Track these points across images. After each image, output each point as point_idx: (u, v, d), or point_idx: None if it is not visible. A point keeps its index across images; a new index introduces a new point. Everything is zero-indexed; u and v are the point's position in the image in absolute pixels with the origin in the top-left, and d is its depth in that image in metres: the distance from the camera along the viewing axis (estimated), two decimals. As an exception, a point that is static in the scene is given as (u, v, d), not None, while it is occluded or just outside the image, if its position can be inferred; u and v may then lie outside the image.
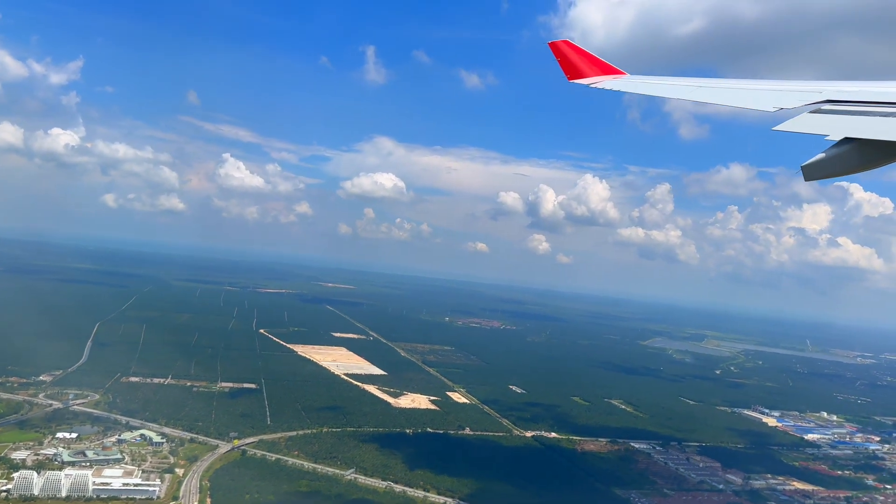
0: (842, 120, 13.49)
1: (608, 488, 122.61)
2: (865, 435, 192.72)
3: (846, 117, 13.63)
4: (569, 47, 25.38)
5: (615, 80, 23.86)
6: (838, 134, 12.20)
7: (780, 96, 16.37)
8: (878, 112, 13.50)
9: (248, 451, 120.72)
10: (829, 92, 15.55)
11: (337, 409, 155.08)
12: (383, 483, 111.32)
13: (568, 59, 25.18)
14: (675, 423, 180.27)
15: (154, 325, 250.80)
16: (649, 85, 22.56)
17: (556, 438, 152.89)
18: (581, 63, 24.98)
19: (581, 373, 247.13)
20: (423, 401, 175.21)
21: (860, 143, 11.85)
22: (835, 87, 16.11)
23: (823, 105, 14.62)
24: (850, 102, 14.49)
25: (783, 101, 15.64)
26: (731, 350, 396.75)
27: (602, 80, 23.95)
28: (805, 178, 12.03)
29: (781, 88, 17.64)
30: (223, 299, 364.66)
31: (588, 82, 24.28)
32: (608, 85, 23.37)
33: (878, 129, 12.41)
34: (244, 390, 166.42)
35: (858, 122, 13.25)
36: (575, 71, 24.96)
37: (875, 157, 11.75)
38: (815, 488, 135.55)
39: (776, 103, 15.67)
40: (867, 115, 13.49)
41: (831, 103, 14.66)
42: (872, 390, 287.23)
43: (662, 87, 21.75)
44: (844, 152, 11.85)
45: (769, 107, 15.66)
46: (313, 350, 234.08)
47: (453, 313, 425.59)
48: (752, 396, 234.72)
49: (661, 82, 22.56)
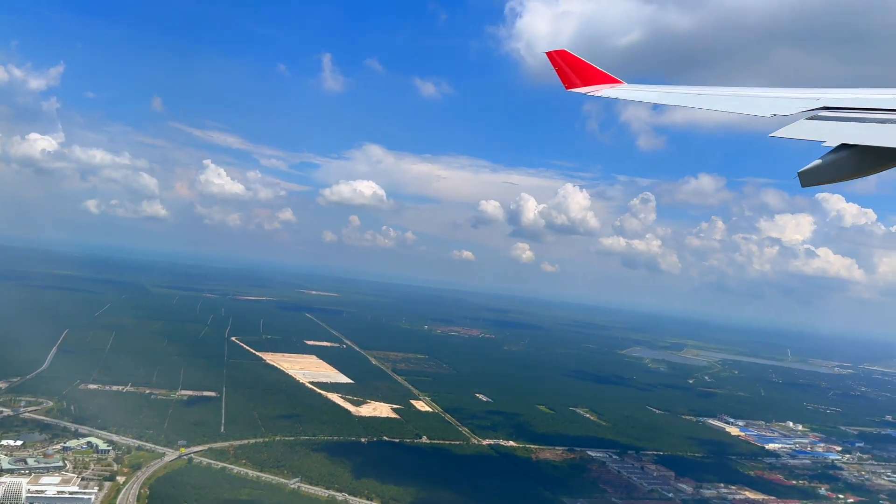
0: (838, 126, 13.63)
1: (556, 497, 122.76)
2: (828, 445, 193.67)
3: (843, 123, 13.76)
4: (566, 56, 25.57)
5: (612, 88, 24.01)
6: (835, 140, 12.30)
7: (777, 103, 16.52)
8: (874, 118, 13.61)
9: (195, 460, 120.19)
10: (825, 98, 15.65)
11: (294, 418, 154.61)
12: (326, 492, 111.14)
13: (565, 68, 25.41)
14: (636, 431, 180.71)
15: (124, 333, 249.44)
16: (646, 93, 22.70)
17: (512, 447, 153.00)
18: (578, 72, 25.18)
19: (551, 382, 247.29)
20: (385, 409, 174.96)
21: (857, 149, 11.97)
22: (831, 94, 16.23)
23: (820, 111, 14.74)
24: (846, 109, 14.59)
25: (780, 108, 15.79)
26: (708, 359, 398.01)
27: (599, 89, 24.17)
28: (802, 184, 12.09)
29: (778, 95, 17.83)
30: (200, 307, 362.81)
31: (585, 91, 24.53)
32: (605, 93, 23.54)
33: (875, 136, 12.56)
34: (203, 398, 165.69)
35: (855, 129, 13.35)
36: (572, 80, 25.23)
37: (871, 163, 11.88)
38: (766, 497, 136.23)
39: (773, 110, 15.81)
40: (864, 122, 13.60)
41: (828, 110, 14.77)
42: (844, 400, 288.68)
43: (659, 95, 22.03)
44: (841, 158, 11.94)
45: (766, 113, 15.78)
46: (282, 358, 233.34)
47: (433, 321, 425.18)
48: (721, 406, 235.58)
49: (658, 90, 22.82)
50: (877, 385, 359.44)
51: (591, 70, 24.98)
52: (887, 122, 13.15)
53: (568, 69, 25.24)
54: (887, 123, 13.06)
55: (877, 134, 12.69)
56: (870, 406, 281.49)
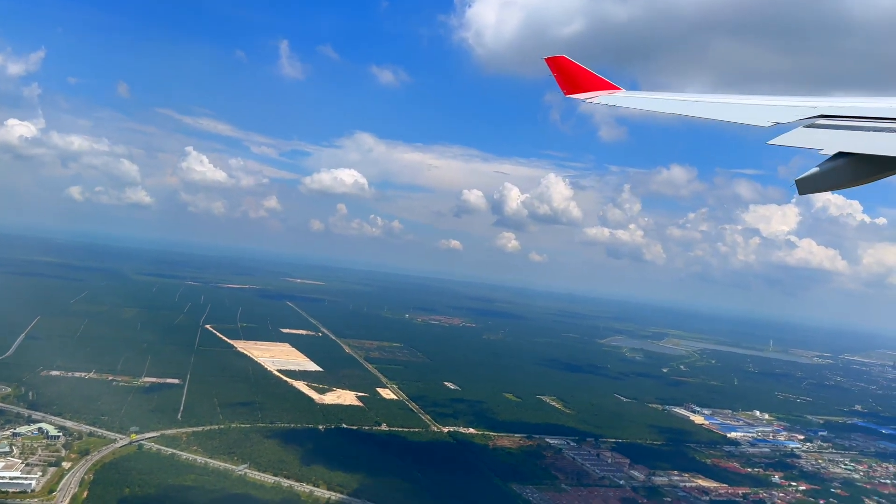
0: (836, 134, 13.77)
1: (505, 483, 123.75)
2: (790, 434, 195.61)
3: (840, 132, 13.89)
4: (565, 62, 25.72)
5: (610, 94, 24.29)
6: (832, 148, 12.43)
7: (775, 111, 16.74)
8: (871, 127, 13.74)
9: (146, 446, 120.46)
10: (823, 107, 15.88)
11: (254, 405, 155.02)
12: (274, 478, 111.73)
13: (564, 74, 25.60)
14: (599, 419, 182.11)
15: (97, 320, 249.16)
16: (644, 100, 22.98)
17: (471, 434, 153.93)
18: (577, 78, 25.39)
19: (524, 370, 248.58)
20: (350, 397, 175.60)
21: (854, 157, 12.07)
22: (829, 103, 16.53)
23: (818, 120, 14.91)
24: (844, 118, 14.77)
25: (777, 116, 15.96)
26: (688, 349, 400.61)
27: (597, 95, 24.41)
28: (799, 192, 12.20)
29: (776, 104, 18.08)
30: (180, 294, 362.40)
31: (584, 97, 24.78)
32: (603, 100, 23.79)
33: (872, 144, 12.69)
34: (165, 385, 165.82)
35: (852, 137, 13.51)
36: (571, 86, 25.41)
37: (868, 172, 12.00)
38: (717, 485, 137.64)
39: (771, 118, 15.97)
40: (861, 130, 13.74)
41: (825, 118, 14.94)
42: (816, 390, 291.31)
43: (657, 103, 22.22)
44: (838, 167, 12.05)
45: (764, 122, 15.91)
46: (254, 346, 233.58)
47: (415, 310, 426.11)
48: (690, 394, 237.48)
49: (656, 97, 23.06)
50: (853, 375, 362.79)
51: (590, 76, 25.33)
52: (884, 130, 13.34)
53: (566, 75, 25.54)
54: (884, 132, 13.25)
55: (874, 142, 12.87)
56: (842, 396, 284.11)
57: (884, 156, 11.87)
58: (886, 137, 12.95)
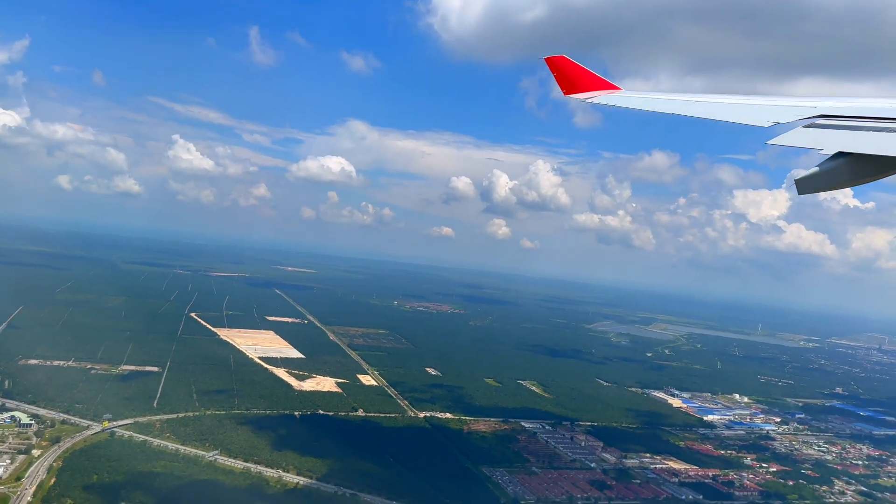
0: (835, 134, 13.83)
1: (476, 466, 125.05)
2: (768, 416, 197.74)
3: (840, 132, 13.96)
4: (564, 62, 25.75)
5: (610, 94, 24.34)
6: (832, 148, 12.50)
7: (775, 111, 16.83)
8: (871, 127, 13.82)
9: (118, 433, 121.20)
10: (823, 107, 15.97)
11: (231, 392, 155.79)
12: (244, 464, 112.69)
13: (563, 74, 25.61)
14: (577, 403, 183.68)
15: (81, 309, 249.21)
16: (644, 100, 23.06)
17: (447, 419, 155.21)
18: (576, 78, 25.43)
19: (507, 356, 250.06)
20: (329, 383, 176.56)
21: (853, 157, 12.15)
22: (829, 103, 16.63)
23: (817, 120, 15.00)
24: (843, 117, 14.87)
25: (777, 116, 16.05)
26: (675, 333, 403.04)
27: (597, 95, 24.47)
28: (798, 191, 12.24)
29: (776, 103, 18.18)
30: (167, 283, 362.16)
31: (583, 97, 24.82)
32: (603, 100, 23.85)
33: (872, 144, 12.76)
34: (144, 373, 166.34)
35: (852, 137, 13.59)
36: (570, 85, 25.43)
37: (868, 172, 12.08)
38: (687, 467, 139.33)
39: (770, 118, 16.07)
40: (861, 130, 13.82)
41: (825, 118, 15.03)
42: (799, 373, 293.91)
43: (657, 103, 22.26)
44: (838, 166, 12.13)
45: (763, 122, 16.02)
46: (238, 333, 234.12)
47: (404, 297, 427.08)
48: (672, 378, 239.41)
49: (656, 97, 23.15)
50: (838, 358, 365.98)
51: (589, 76, 25.42)
52: (884, 130, 13.43)
53: (566, 75, 25.60)
54: (884, 132, 13.34)
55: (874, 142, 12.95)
56: (824, 379, 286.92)
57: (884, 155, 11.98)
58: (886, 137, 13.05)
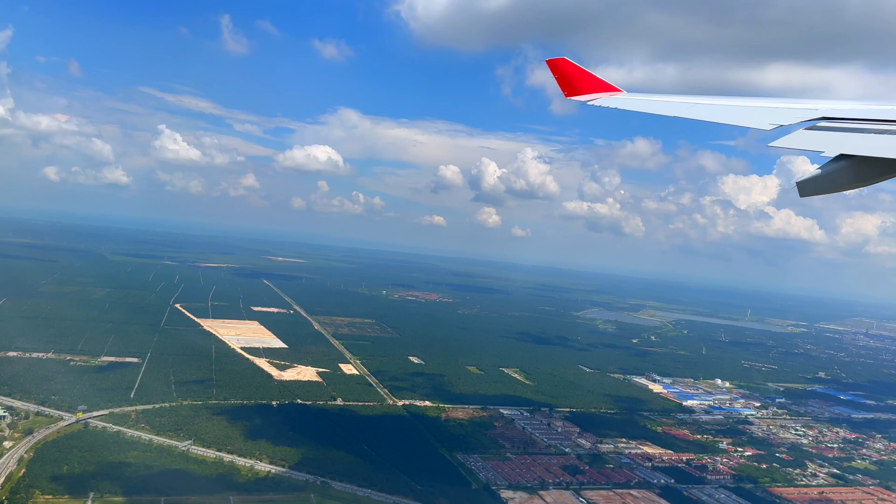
0: (837, 137, 13.86)
1: (451, 453, 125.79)
2: (748, 401, 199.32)
3: (841, 134, 13.97)
4: (565, 65, 25.66)
5: (611, 97, 24.30)
6: (833, 150, 12.51)
7: (776, 113, 16.80)
8: (872, 129, 13.80)
9: (92, 424, 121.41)
10: (824, 109, 15.99)
11: (210, 383, 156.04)
12: (216, 453, 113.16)
13: (565, 76, 25.56)
14: (557, 390, 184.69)
15: (65, 301, 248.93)
16: (645, 102, 23.04)
17: (426, 407, 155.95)
18: (577, 80, 25.39)
19: (492, 344, 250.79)
20: (310, 373, 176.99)
21: (855, 159, 12.13)
22: (830, 105, 16.64)
23: (819, 122, 15.01)
24: (845, 120, 14.86)
25: (779, 119, 16.05)
26: (663, 320, 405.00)
27: (598, 97, 24.44)
28: (800, 194, 12.26)
29: (777, 106, 18.14)
30: (155, 274, 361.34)
31: (585, 99, 24.81)
32: (604, 102, 23.78)
33: (873, 146, 12.75)
34: (124, 364, 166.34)
35: (853, 139, 13.59)
36: (571, 88, 25.39)
37: (870, 174, 12.07)
38: (662, 451, 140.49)
39: (772, 120, 16.05)
40: (862, 133, 13.82)
41: (827, 120, 15.04)
42: (784, 358, 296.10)
43: (658, 105, 22.26)
44: (840, 169, 12.12)
45: (765, 124, 15.99)
46: (222, 324, 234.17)
47: (394, 286, 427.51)
48: (655, 364, 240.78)
49: (657, 100, 23.12)
50: (824, 343, 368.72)
51: (591, 78, 25.44)
52: (885, 132, 13.42)
53: (567, 77, 25.59)
54: (885, 134, 13.32)
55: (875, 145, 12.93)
56: (808, 363, 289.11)
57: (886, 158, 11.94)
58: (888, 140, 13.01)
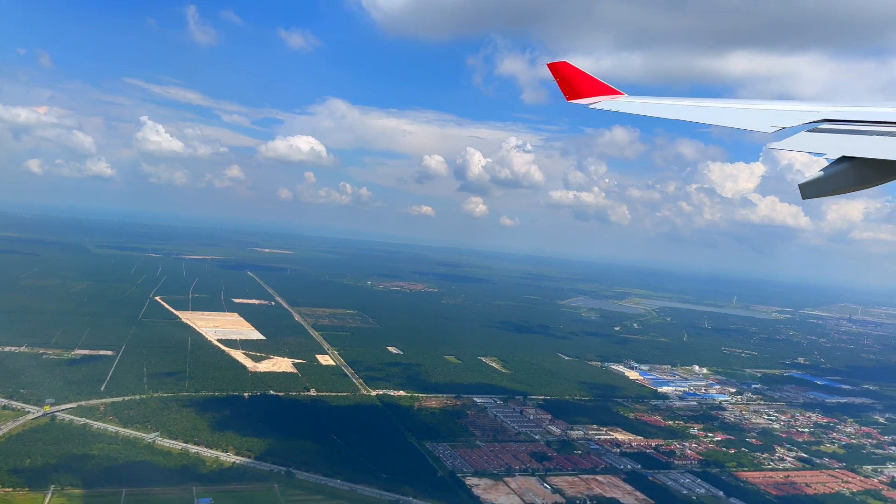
0: (839, 139, 13.78)
1: (420, 442, 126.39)
2: (723, 387, 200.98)
3: (843, 136, 13.91)
4: (567, 68, 25.55)
5: (613, 100, 24.17)
6: (835, 153, 12.46)
7: (778, 116, 16.77)
8: (874, 131, 13.75)
9: (59, 417, 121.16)
10: (826, 112, 15.91)
11: (182, 375, 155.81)
12: (183, 445, 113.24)
13: (566, 80, 25.43)
14: (534, 378, 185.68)
15: (44, 293, 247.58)
16: (647, 105, 22.98)
17: (400, 396, 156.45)
18: (579, 84, 25.28)
19: (473, 333, 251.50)
20: (286, 364, 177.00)
21: (857, 161, 12.09)
22: (832, 108, 16.54)
23: (820, 124, 14.92)
24: (846, 122, 14.79)
25: (781, 121, 16.01)
26: (647, 307, 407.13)
27: (600, 101, 24.30)
28: (802, 196, 12.17)
29: (779, 108, 18.12)
30: (138, 266, 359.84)
31: (586, 102, 24.68)
32: (606, 105, 23.66)
33: (875, 149, 12.67)
34: (97, 357, 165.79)
35: (855, 142, 13.52)
36: (573, 91, 25.26)
37: (872, 176, 12.03)
38: (632, 437, 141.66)
39: (774, 123, 16.00)
40: (864, 135, 13.75)
41: (828, 122, 14.97)
42: (765, 344, 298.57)
43: (660, 108, 22.24)
44: (842, 171, 12.07)
45: (767, 127, 15.94)
46: (201, 316, 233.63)
47: (379, 277, 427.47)
48: (635, 352, 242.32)
49: (659, 103, 23.05)
50: (807, 329, 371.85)
51: (592, 81, 25.33)
52: (887, 135, 13.38)
53: (568, 81, 25.47)
54: (887, 136, 13.28)
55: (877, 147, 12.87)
56: (788, 349, 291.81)
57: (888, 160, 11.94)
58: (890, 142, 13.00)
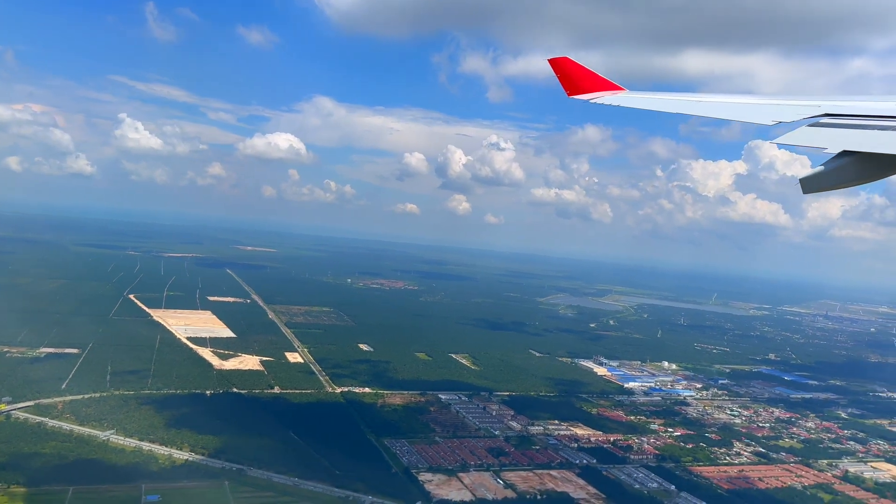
0: (840, 133, 13.81)
1: (379, 438, 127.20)
2: (690, 382, 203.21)
3: (844, 131, 13.94)
4: (567, 64, 25.63)
5: (614, 95, 24.30)
6: (837, 147, 12.51)
7: (779, 110, 16.80)
8: (876, 126, 13.82)
9: (14, 416, 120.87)
10: (827, 106, 16.01)
11: (146, 373, 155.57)
12: (137, 442, 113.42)
13: (567, 75, 25.48)
14: (502, 374, 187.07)
15: (13, 292, 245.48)
16: (648, 100, 23.06)
17: (364, 393, 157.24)
18: (580, 79, 25.33)
19: (447, 330, 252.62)
20: (253, 362, 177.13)
21: (858, 156, 12.14)
22: (833, 102, 16.66)
23: (822, 119, 15.00)
24: (848, 116, 14.88)
25: (782, 115, 16.07)
26: (626, 304, 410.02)
27: (601, 96, 24.41)
28: (803, 191, 12.22)
29: (780, 102, 18.22)
30: (115, 264, 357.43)
31: (587, 98, 24.75)
32: (607, 100, 23.76)
33: (877, 143, 12.77)
34: (62, 355, 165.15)
35: (857, 136, 13.56)
36: (574, 86, 25.32)
37: (873, 171, 12.07)
38: (591, 433, 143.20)
39: (775, 117, 16.06)
40: (865, 129, 13.82)
41: (829, 117, 15.06)
42: (738, 340, 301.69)
43: (661, 103, 22.30)
44: (843, 165, 12.14)
45: (768, 120, 16.03)
46: (172, 314, 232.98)
47: (360, 275, 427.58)
48: (607, 348, 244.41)
49: (661, 98, 23.13)
50: (782, 325, 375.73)
51: (593, 77, 25.47)
52: (889, 129, 13.51)
53: (569, 76, 25.58)
54: (889, 131, 13.41)
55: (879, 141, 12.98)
56: (761, 345, 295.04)
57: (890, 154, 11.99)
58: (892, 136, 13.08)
